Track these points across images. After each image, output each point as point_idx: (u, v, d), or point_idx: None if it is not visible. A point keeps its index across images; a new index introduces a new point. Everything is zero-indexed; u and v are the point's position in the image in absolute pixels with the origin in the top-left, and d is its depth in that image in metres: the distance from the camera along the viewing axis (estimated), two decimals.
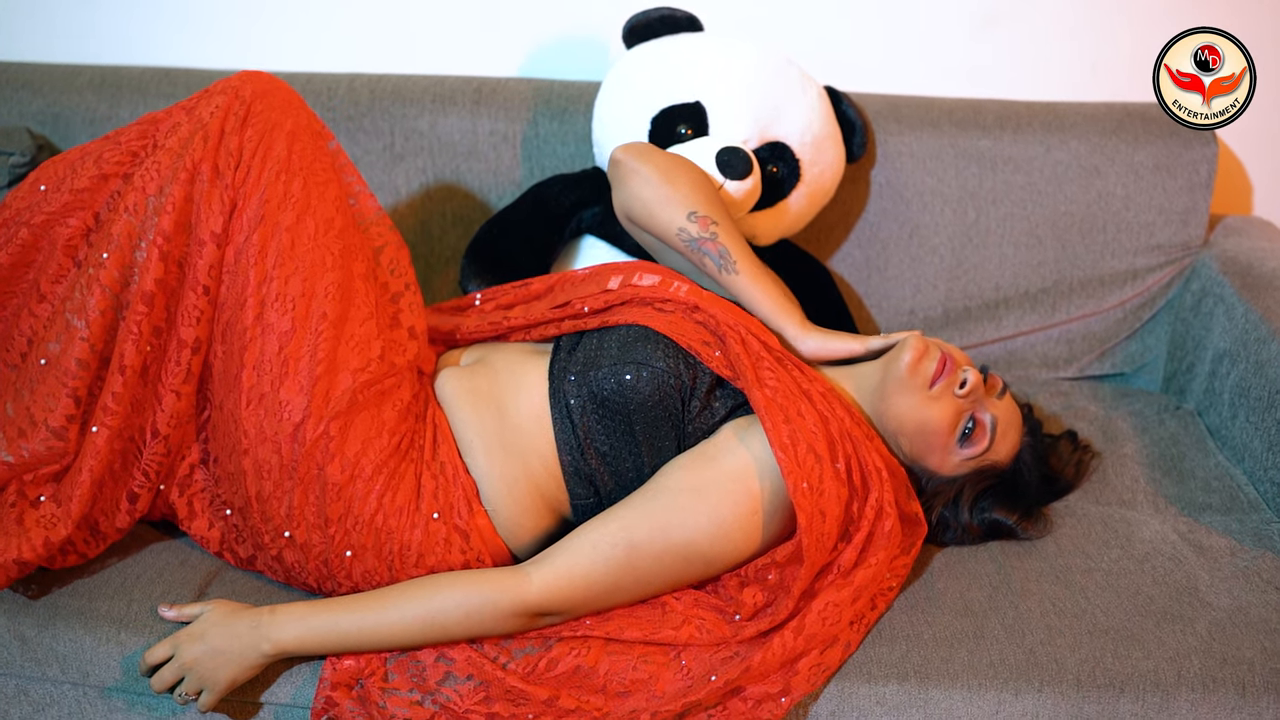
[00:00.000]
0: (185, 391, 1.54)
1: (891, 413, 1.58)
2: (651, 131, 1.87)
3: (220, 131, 1.53)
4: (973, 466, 1.59)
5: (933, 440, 1.57)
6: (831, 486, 1.46)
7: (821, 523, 1.44)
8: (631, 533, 1.47)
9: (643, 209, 1.68)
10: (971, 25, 2.14)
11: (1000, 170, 2.03)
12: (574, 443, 1.56)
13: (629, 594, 1.50)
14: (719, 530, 1.48)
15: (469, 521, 1.54)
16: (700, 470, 1.50)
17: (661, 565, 1.48)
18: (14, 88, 2.11)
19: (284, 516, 1.51)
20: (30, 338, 1.54)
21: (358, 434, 1.52)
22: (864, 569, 1.47)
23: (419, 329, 1.66)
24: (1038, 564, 1.58)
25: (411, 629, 1.45)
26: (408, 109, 2.07)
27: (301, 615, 1.46)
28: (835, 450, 1.48)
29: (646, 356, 1.54)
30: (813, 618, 1.44)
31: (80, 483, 1.49)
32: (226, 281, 1.53)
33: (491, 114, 2.07)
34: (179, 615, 1.49)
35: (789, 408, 1.48)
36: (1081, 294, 2.06)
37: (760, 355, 1.55)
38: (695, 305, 1.60)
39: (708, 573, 1.51)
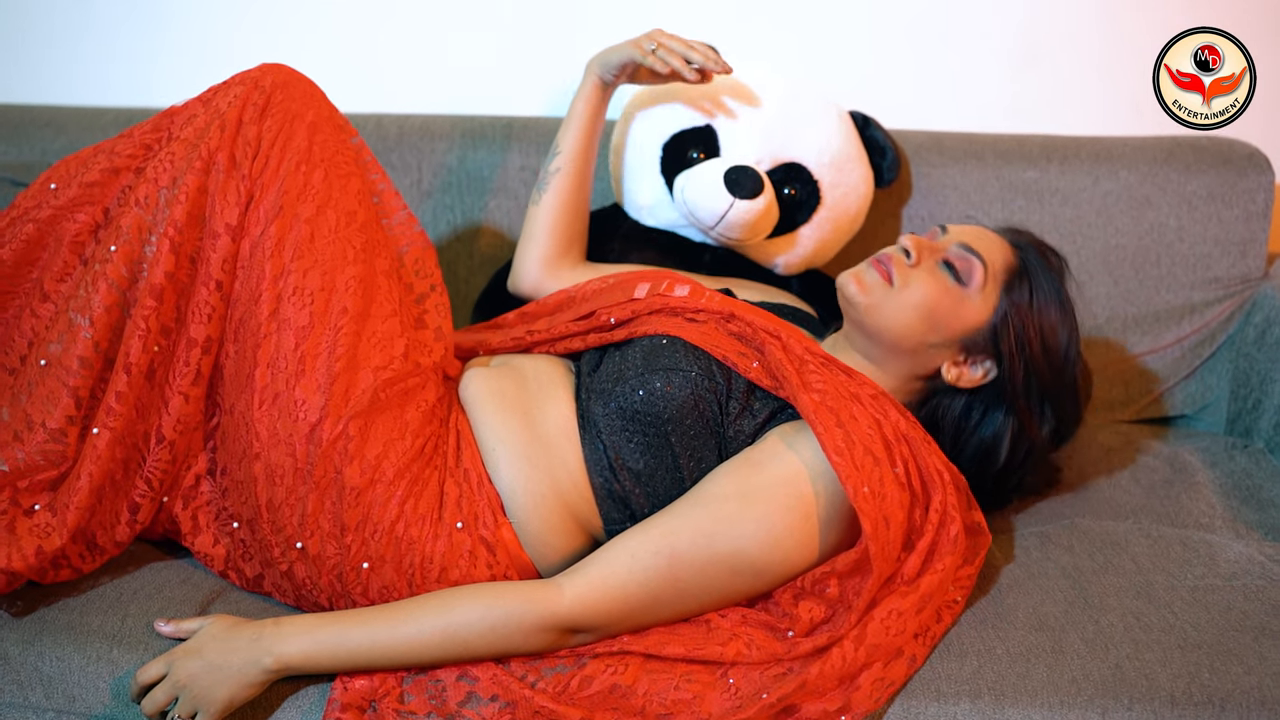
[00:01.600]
0: (193, 394, 1.41)
1: (896, 335, 1.44)
2: (663, 158, 1.78)
3: (238, 121, 1.43)
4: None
5: (938, 312, 1.43)
6: (893, 491, 1.31)
7: (886, 530, 1.29)
8: (674, 541, 1.31)
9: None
10: (1011, 62, 2.07)
11: (1047, 203, 1.92)
12: (605, 463, 1.42)
13: (670, 609, 1.33)
14: (769, 538, 1.32)
15: (494, 533, 1.39)
16: (747, 476, 1.35)
17: (706, 577, 1.32)
18: (37, 126, 2.04)
19: (296, 526, 1.37)
20: (31, 339, 1.42)
21: (379, 435, 1.39)
22: (929, 575, 1.32)
23: (445, 330, 1.54)
24: (1116, 580, 1.42)
25: (429, 644, 1.29)
26: (436, 144, 1.99)
27: (308, 627, 1.30)
28: (892, 453, 1.34)
29: (675, 362, 1.41)
30: (875, 626, 1.28)
31: (78, 489, 1.35)
32: (241, 277, 1.41)
33: (522, 149, 1.98)
34: (177, 630, 1.33)
35: (840, 411, 1.33)
36: (1136, 331, 1.92)
37: (804, 359, 1.41)
38: (730, 314, 1.48)
39: (756, 586, 1.35)
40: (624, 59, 1.68)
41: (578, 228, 1.78)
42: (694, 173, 1.73)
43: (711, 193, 1.70)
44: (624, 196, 1.87)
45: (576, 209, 1.76)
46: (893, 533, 1.30)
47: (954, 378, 1.46)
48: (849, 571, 1.31)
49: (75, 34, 2.16)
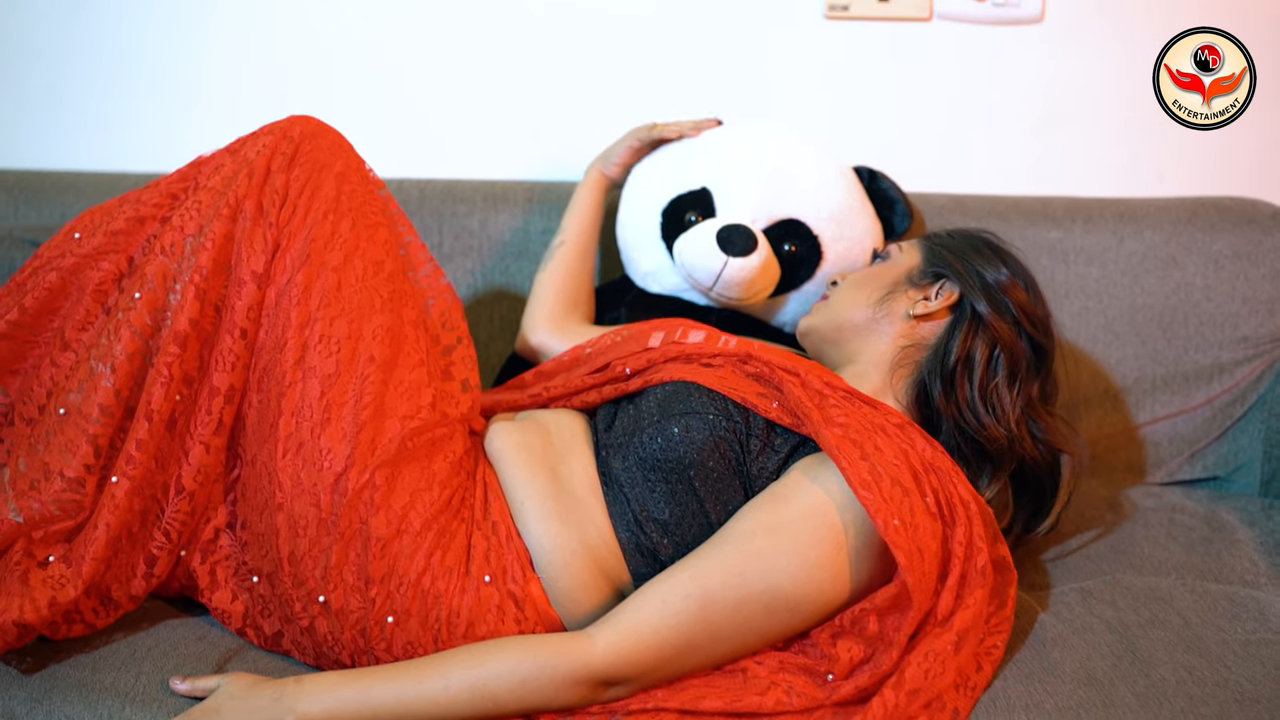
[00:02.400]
0: (215, 444, 1.37)
1: (849, 314, 1.52)
2: (662, 224, 1.77)
3: (266, 169, 1.41)
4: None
5: (869, 278, 1.54)
6: (925, 521, 1.25)
7: (921, 561, 1.23)
8: (704, 582, 1.26)
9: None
10: (1032, 127, 2.06)
11: (1073, 263, 1.89)
12: (630, 517, 1.37)
13: (705, 655, 1.27)
14: (802, 571, 1.26)
15: (523, 588, 1.34)
16: (774, 510, 1.30)
17: (741, 617, 1.26)
18: (58, 190, 2.02)
19: (319, 579, 1.31)
20: (50, 389, 1.38)
21: (405, 485, 1.34)
22: (962, 611, 1.25)
23: (472, 382, 1.50)
24: (1163, 634, 1.36)
25: (457, 700, 1.22)
26: (458, 207, 1.97)
27: (331, 685, 1.24)
28: (921, 483, 1.28)
29: (691, 406, 1.36)
30: (913, 671, 1.22)
31: (95, 540, 1.30)
32: (266, 325, 1.38)
33: (544, 213, 1.96)
34: (193, 688, 1.27)
35: (864, 443, 1.29)
36: (1165, 391, 1.88)
37: (824, 393, 1.37)
38: (746, 355, 1.44)
39: (793, 624, 1.29)
40: (625, 147, 1.85)
41: (583, 291, 1.83)
42: (689, 235, 1.71)
43: (705, 253, 1.68)
44: (628, 265, 1.86)
45: (580, 274, 1.83)
46: (928, 563, 1.24)
47: (921, 308, 1.48)
48: (888, 607, 1.25)
49: (96, 99, 2.15)
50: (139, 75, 2.14)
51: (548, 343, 1.77)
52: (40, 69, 2.15)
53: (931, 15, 2.02)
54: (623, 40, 2.06)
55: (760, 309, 1.78)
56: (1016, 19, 2.01)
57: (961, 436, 1.43)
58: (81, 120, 2.16)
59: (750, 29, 2.04)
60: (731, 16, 2.04)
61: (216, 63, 2.12)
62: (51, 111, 2.16)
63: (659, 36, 2.06)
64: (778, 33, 2.04)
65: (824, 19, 2.03)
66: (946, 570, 1.27)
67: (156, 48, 2.13)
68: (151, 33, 2.12)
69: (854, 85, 2.06)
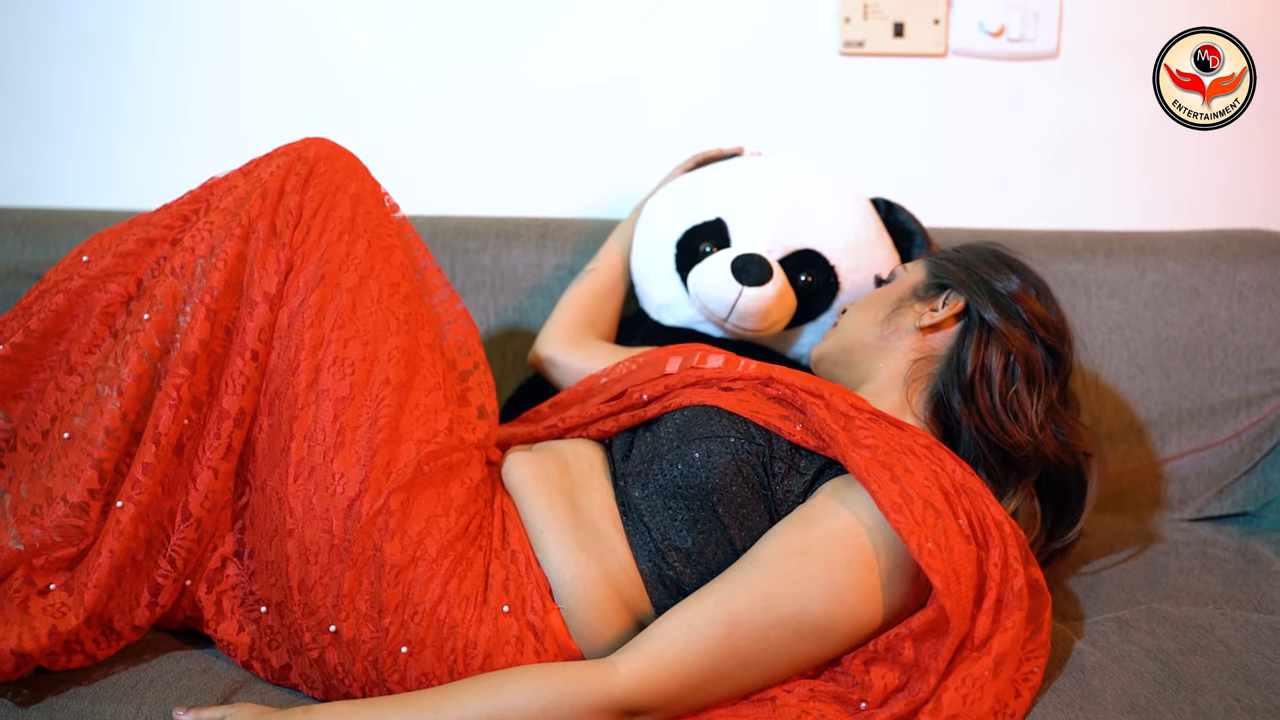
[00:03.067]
0: (223, 469, 1.32)
1: (859, 333, 1.50)
2: (677, 255, 1.73)
3: (280, 190, 1.38)
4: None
5: (876, 298, 1.52)
6: (959, 544, 1.20)
7: (958, 584, 1.18)
8: (731, 606, 1.20)
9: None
10: (1048, 161, 2.03)
11: (1094, 295, 1.86)
12: (652, 547, 1.31)
13: (733, 683, 1.21)
14: (832, 594, 1.20)
15: (543, 619, 1.28)
16: (802, 533, 1.24)
17: (769, 643, 1.20)
18: (66, 227, 1.99)
19: (331, 608, 1.26)
20: (55, 414, 1.33)
21: (421, 511, 1.29)
22: (1000, 635, 1.20)
23: (489, 408, 1.45)
24: (1207, 662, 1.30)
25: None
26: (470, 243, 1.93)
27: (342, 714, 1.18)
28: (954, 505, 1.23)
29: (712, 430, 1.32)
30: (950, 696, 1.16)
31: (98, 566, 1.25)
32: (278, 348, 1.33)
33: (558, 248, 1.93)
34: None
35: (894, 465, 1.23)
36: (1192, 425, 1.83)
37: (850, 415, 1.32)
38: (768, 378, 1.40)
39: (823, 650, 1.23)
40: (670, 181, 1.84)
41: (604, 314, 1.82)
42: (703, 266, 1.67)
43: (719, 283, 1.64)
44: (642, 299, 1.82)
45: (604, 298, 1.82)
46: (964, 587, 1.19)
47: (928, 320, 1.45)
48: (924, 632, 1.19)
49: (103, 138, 2.12)
50: (140, 111, 2.11)
51: (558, 355, 1.74)
52: (40, 108, 2.13)
53: (947, 51, 2.00)
54: (636, 77, 2.04)
55: (776, 341, 1.74)
56: (1032, 54, 2.00)
57: (985, 445, 1.38)
58: (85, 158, 2.13)
59: (765, 65, 2.02)
60: (746, 53, 2.02)
61: (224, 99, 2.10)
62: (56, 150, 2.14)
63: (672, 72, 2.04)
64: (793, 69, 2.02)
65: (839, 55, 2.02)
66: (982, 594, 1.21)
67: (165, 86, 2.11)
68: (160, 72, 2.10)
69: (869, 121, 2.04)
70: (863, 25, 1.99)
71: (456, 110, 2.08)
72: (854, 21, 1.99)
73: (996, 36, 1.98)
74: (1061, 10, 1.98)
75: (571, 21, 2.04)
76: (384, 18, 2.06)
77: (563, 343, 1.75)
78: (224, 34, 2.08)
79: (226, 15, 2.07)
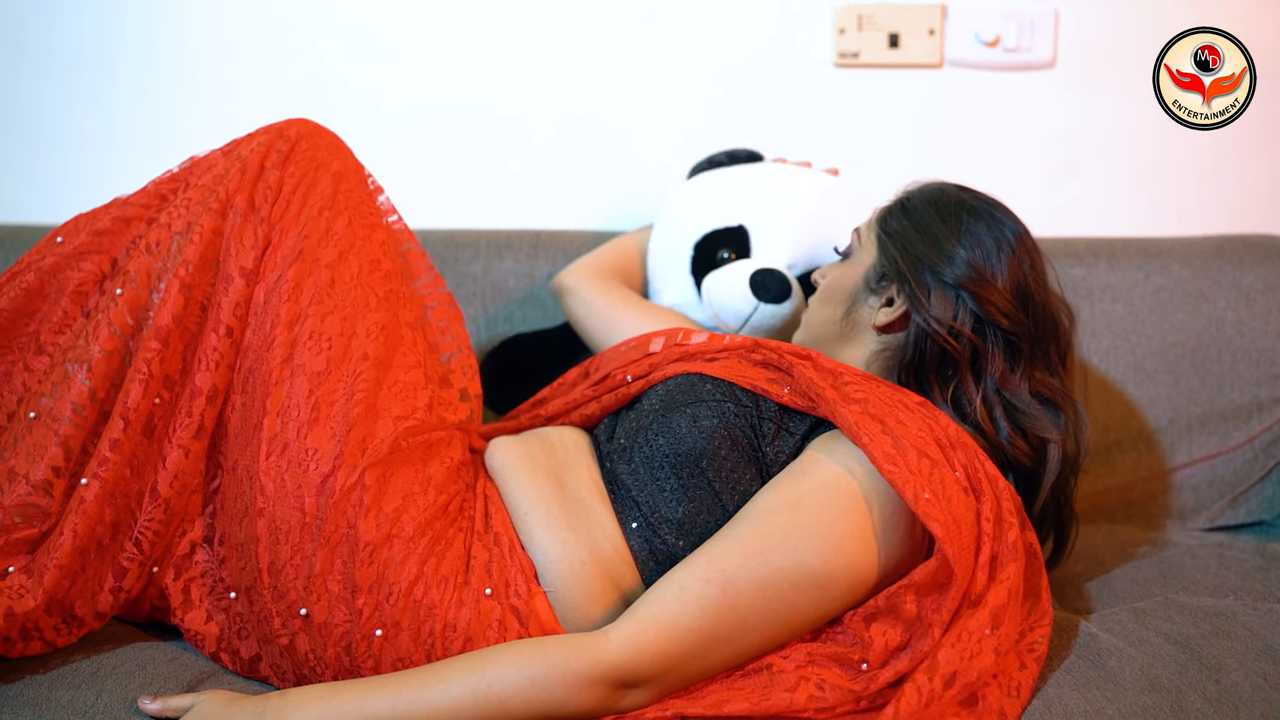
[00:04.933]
0: (195, 449, 1.25)
1: (821, 326, 1.40)
2: (694, 257, 1.67)
3: (260, 166, 1.33)
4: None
5: (833, 285, 1.41)
6: (957, 494, 1.13)
7: (959, 532, 1.10)
8: (724, 565, 1.12)
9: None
10: (1047, 171, 1.99)
11: (1098, 300, 1.79)
12: (642, 521, 1.24)
13: (731, 646, 1.13)
14: (828, 544, 1.13)
15: (527, 603, 1.20)
16: (792, 486, 1.17)
17: (766, 599, 1.12)
18: None
19: (302, 590, 1.18)
20: (22, 395, 1.26)
21: (398, 487, 1.22)
22: (996, 587, 1.12)
23: (472, 392, 1.39)
24: (1230, 644, 1.21)
25: (459, 707, 1.08)
26: (460, 253, 1.87)
27: (319, 695, 1.10)
28: (950, 456, 1.16)
29: (697, 395, 1.25)
30: (945, 653, 1.08)
31: (59, 546, 1.17)
32: (253, 324, 1.27)
33: (550, 258, 1.87)
34: (164, 708, 1.13)
35: (886, 418, 1.17)
36: (1202, 432, 1.76)
37: (839, 372, 1.25)
38: (754, 344, 1.33)
39: (823, 604, 1.14)
40: None
41: (638, 276, 1.77)
42: (721, 273, 1.62)
43: (736, 295, 1.58)
44: (653, 296, 1.76)
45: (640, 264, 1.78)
46: (965, 536, 1.11)
47: (880, 320, 1.33)
48: (928, 584, 1.12)
49: (95, 157, 2.08)
50: (140, 133, 2.07)
51: (580, 287, 1.70)
52: (43, 127, 2.10)
53: (943, 62, 1.97)
54: (632, 89, 2.01)
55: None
56: (1028, 64, 1.96)
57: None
58: (83, 177, 2.10)
59: (760, 77, 1.98)
60: (742, 65, 1.98)
61: (212, 117, 2.06)
62: (52, 168, 2.10)
63: (668, 85, 2.00)
64: (788, 81, 1.98)
65: (834, 67, 1.98)
66: (978, 548, 1.14)
67: (155, 106, 2.07)
68: (150, 92, 2.07)
69: (866, 133, 2.00)
70: (858, 36, 1.96)
71: (446, 122, 2.04)
72: (849, 33, 1.96)
73: (992, 47, 1.95)
74: (1057, 20, 1.95)
75: (568, 34, 2.01)
76: (373, 37, 2.03)
77: (588, 275, 1.70)
78: (212, 53, 2.05)
79: (215, 36, 2.04)
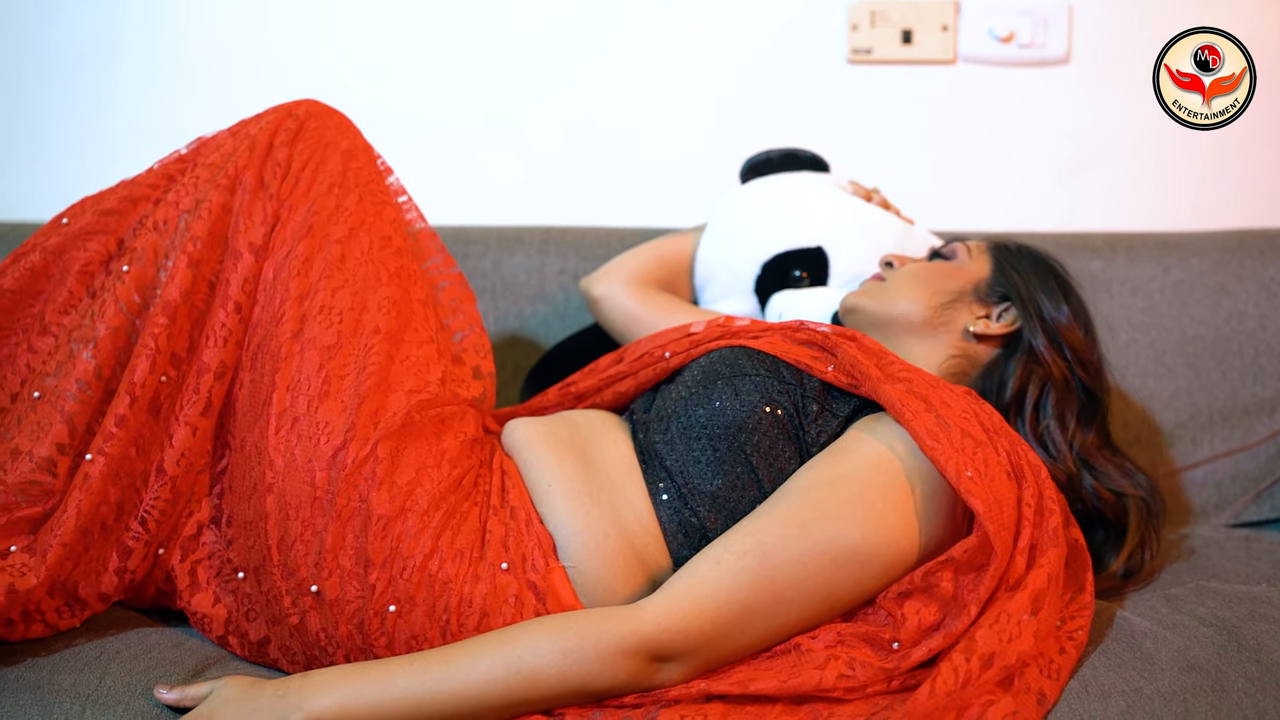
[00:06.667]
0: (202, 426, 1.22)
1: (906, 306, 1.38)
2: (761, 276, 1.60)
3: (269, 144, 1.30)
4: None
5: (935, 276, 1.41)
6: (1000, 475, 1.10)
7: (1000, 512, 1.07)
8: (762, 538, 1.09)
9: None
10: (1061, 167, 1.97)
11: (1116, 293, 1.76)
12: (674, 492, 1.20)
13: (769, 622, 1.09)
14: (870, 518, 1.10)
15: (545, 578, 1.15)
16: (833, 464, 1.14)
17: (805, 573, 1.08)
18: None
19: (312, 566, 1.14)
20: (25, 376, 1.23)
21: (411, 460, 1.18)
22: (1036, 571, 1.09)
23: (485, 370, 1.35)
24: (1268, 626, 1.16)
25: (490, 681, 1.04)
26: (470, 249, 1.84)
27: (343, 675, 1.06)
28: (994, 440, 1.13)
29: (740, 369, 1.22)
30: (983, 634, 1.04)
31: (63, 524, 1.13)
32: (262, 301, 1.24)
33: (560, 253, 1.84)
34: (182, 697, 1.08)
35: (930, 397, 1.14)
36: (1224, 426, 1.72)
37: (883, 353, 1.23)
38: (798, 325, 1.30)
39: (863, 581, 1.11)
40: None
41: (683, 284, 1.69)
42: (799, 299, 1.55)
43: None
44: (703, 305, 1.68)
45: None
46: (1006, 517, 1.08)
47: (981, 328, 1.37)
48: (966, 562, 1.08)
49: (96, 154, 2.07)
50: (141, 130, 2.06)
51: (613, 294, 1.62)
52: (43, 126, 2.08)
53: (956, 58, 1.95)
54: (643, 85, 1.99)
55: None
56: (1042, 60, 1.94)
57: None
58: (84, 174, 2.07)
59: (773, 73, 1.96)
60: (754, 60, 1.96)
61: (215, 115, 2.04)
62: (55, 165, 2.08)
63: (681, 80, 1.98)
64: (801, 77, 1.96)
65: (847, 63, 1.96)
66: (1018, 534, 1.10)
67: (156, 103, 2.05)
68: (150, 90, 2.05)
69: (878, 129, 1.98)
70: (870, 33, 1.94)
71: (457, 118, 2.02)
72: (861, 29, 1.94)
73: (1006, 42, 1.93)
74: (1071, 15, 1.93)
75: (581, 29, 1.99)
76: (381, 40, 2.02)
77: (623, 280, 1.62)
78: (213, 52, 2.04)
79: (216, 35, 2.03)
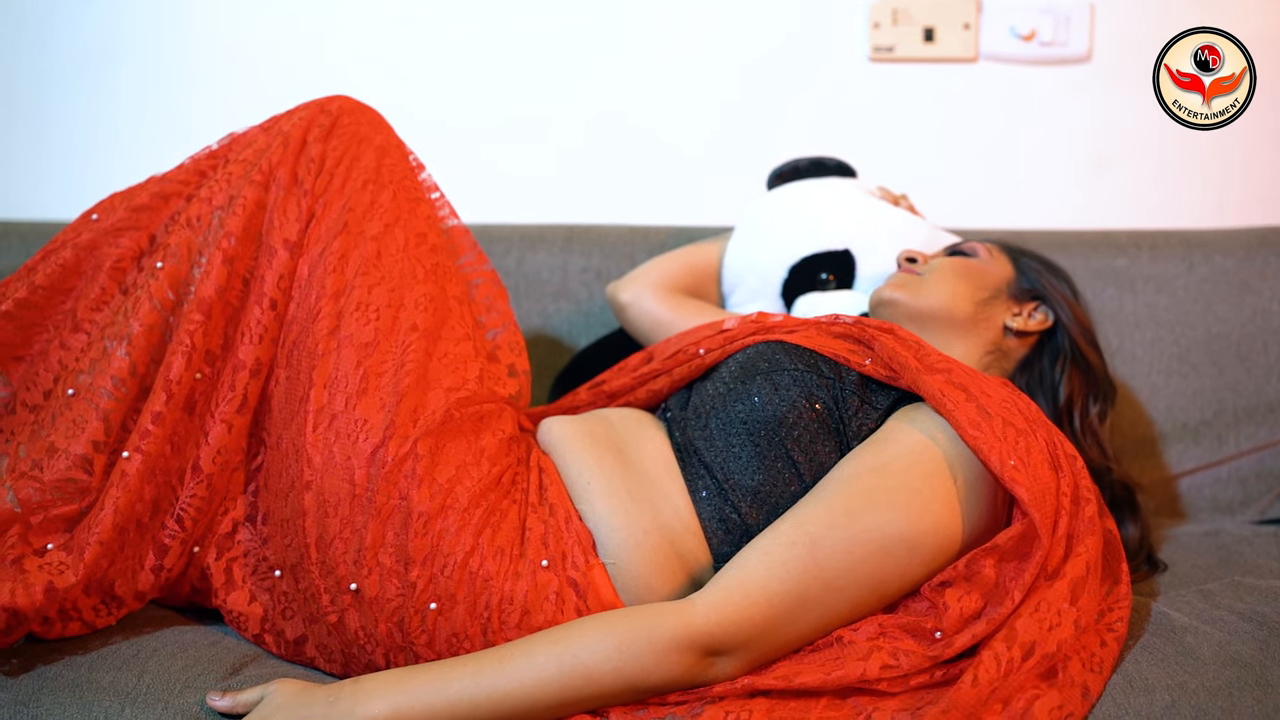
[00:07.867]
0: (238, 424, 1.21)
1: (948, 301, 1.40)
2: (788, 279, 1.59)
3: (303, 140, 1.30)
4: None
5: (970, 271, 1.43)
6: (1042, 464, 1.10)
7: (1043, 500, 1.07)
8: (809, 528, 1.09)
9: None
10: (1083, 165, 1.96)
11: (1140, 291, 1.76)
12: (713, 488, 1.20)
13: (819, 611, 1.08)
14: (915, 502, 1.10)
15: (585, 575, 1.15)
16: (876, 453, 1.14)
17: (854, 560, 1.08)
18: None
19: (351, 564, 1.13)
20: (58, 374, 1.22)
21: (451, 458, 1.17)
22: (1074, 559, 1.09)
23: (520, 368, 1.35)
24: None
25: (546, 681, 1.03)
26: (493, 246, 1.83)
27: (397, 679, 1.05)
28: (1034, 428, 1.13)
29: (779, 364, 1.22)
30: (1023, 622, 1.04)
31: (100, 522, 1.12)
32: (297, 298, 1.23)
33: (584, 251, 1.83)
34: (234, 703, 1.07)
35: (970, 386, 1.14)
36: (1249, 423, 1.72)
37: (920, 344, 1.22)
38: (833, 319, 1.30)
39: (911, 569, 1.10)
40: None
41: (712, 290, 1.68)
42: (825, 301, 1.55)
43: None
44: (728, 307, 1.67)
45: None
46: (1049, 505, 1.08)
47: (1020, 324, 1.40)
48: (1010, 550, 1.08)
49: (104, 152, 2.06)
50: (148, 128, 2.06)
51: (640, 299, 1.60)
52: (50, 124, 2.08)
53: (977, 56, 1.95)
54: (664, 83, 1.98)
55: None
56: (1064, 58, 1.94)
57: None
58: (91, 172, 2.07)
59: (794, 71, 1.96)
60: (776, 58, 1.96)
61: (223, 115, 2.04)
62: (63, 164, 2.08)
63: (702, 78, 1.98)
64: (822, 75, 1.96)
65: (868, 61, 1.96)
66: (1055, 523, 1.10)
67: (162, 101, 2.05)
68: (157, 88, 2.05)
69: (900, 127, 1.97)
70: (892, 31, 1.93)
71: (482, 117, 2.01)
72: (883, 27, 1.93)
73: (1028, 41, 1.93)
74: (1093, 13, 1.93)
75: (601, 28, 1.98)
76: (394, 43, 2.01)
77: (651, 287, 1.61)
78: (221, 51, 2.04)
79: (225, 34, 2.03)
